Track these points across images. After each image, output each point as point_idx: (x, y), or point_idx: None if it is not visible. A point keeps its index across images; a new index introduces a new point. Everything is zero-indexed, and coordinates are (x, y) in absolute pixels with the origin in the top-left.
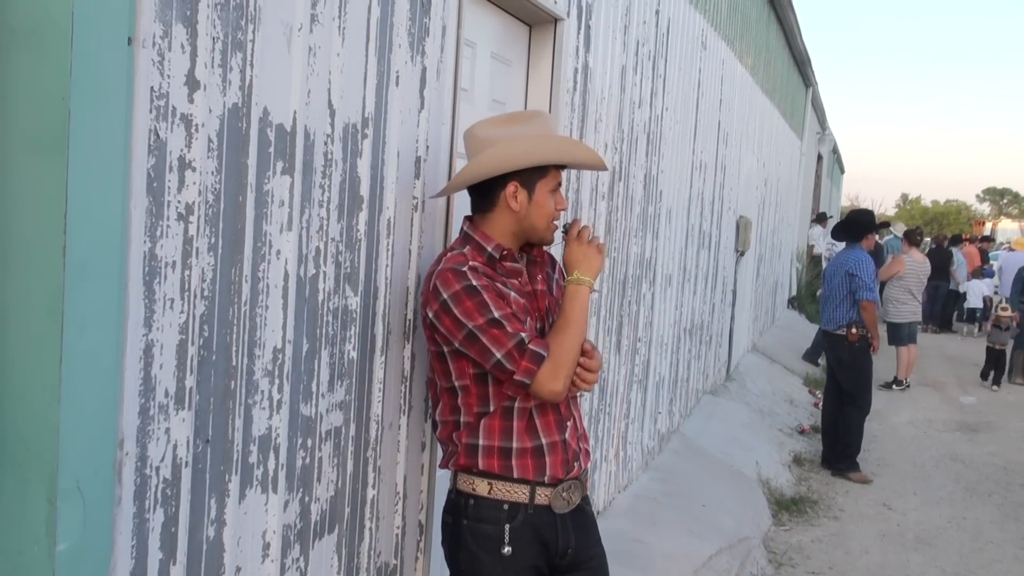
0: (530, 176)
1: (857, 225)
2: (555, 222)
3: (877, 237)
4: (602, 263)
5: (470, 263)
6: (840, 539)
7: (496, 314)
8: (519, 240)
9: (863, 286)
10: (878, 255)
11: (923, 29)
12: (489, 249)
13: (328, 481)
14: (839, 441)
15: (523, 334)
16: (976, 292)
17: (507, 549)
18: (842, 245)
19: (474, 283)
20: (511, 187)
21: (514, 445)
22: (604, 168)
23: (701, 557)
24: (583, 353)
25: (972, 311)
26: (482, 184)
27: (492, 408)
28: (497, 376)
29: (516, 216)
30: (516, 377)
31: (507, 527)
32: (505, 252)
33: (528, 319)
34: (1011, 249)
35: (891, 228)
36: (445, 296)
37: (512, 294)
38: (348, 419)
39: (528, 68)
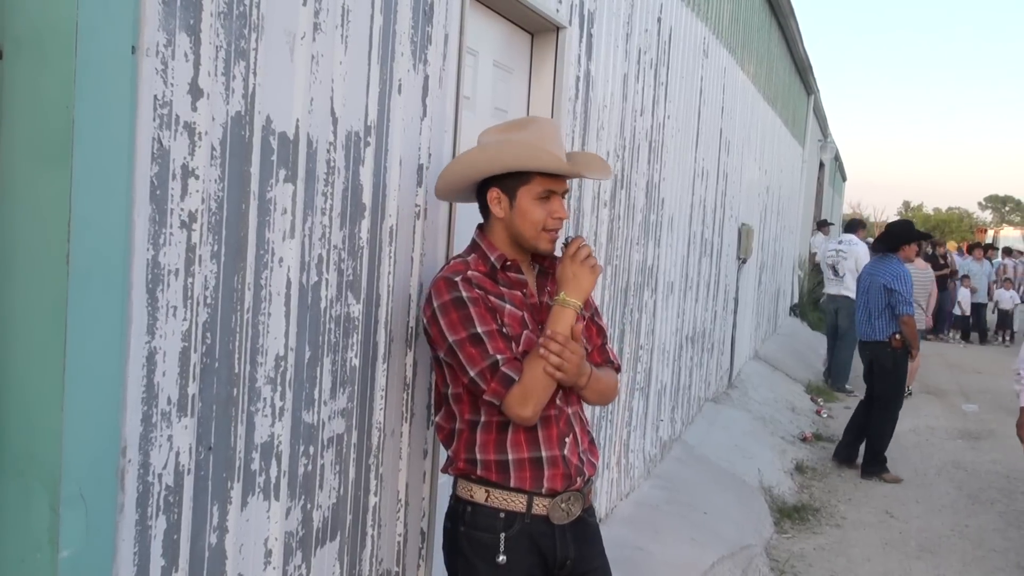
0: (511, 182)
1: (892, 236)
2: (552, 231)
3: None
4: (593, 284)
5: (469, 272)
6: (842, 547)
7: (479, 329)
8: (520, 248)
9: (902, 300)
10: None
11: (926, 36)
12: (492, 258)
13: (330, 488)
14: (868, 446)
15: (499, 355)
16: (953, 300)
17: (502, 558)
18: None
19: (463, 295)
20: (492, 193)
21: (510, 457)
22: (567, 173)
23: (703, 565)
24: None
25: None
26: (477, 190)
27: (483, 419)
28: (474, 391)
29: (504, 223)
30: (485, 396)
31: (503, 536)
32: (509, 262)
33: (525, 332)
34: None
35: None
36: (435, 305)
37: (508, 307)
38: (350, 426)
39: (530, 76)
